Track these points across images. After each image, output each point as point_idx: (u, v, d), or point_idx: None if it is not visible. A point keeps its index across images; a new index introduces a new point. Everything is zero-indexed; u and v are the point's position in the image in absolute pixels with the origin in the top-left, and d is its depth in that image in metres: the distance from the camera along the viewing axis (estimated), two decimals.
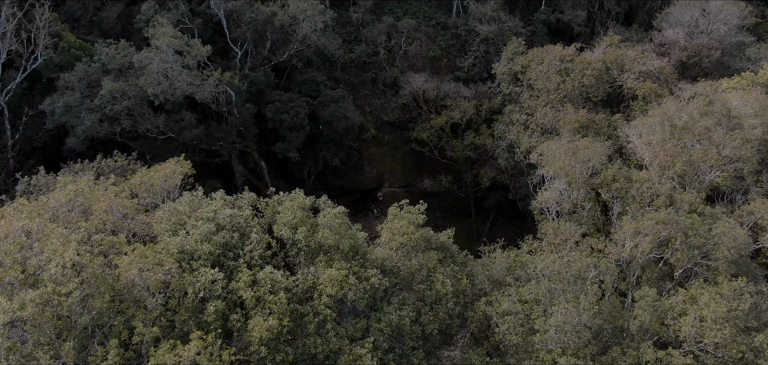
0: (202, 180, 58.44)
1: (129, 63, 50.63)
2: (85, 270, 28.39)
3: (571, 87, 48.34)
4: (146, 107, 50.71)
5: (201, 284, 28.91)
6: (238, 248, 31.24)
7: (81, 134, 49.37)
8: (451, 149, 62.78)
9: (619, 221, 35.21)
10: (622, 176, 36.34)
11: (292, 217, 31.76)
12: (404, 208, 34.87)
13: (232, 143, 56.27)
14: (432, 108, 63.83)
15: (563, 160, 37.26)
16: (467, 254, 36.40)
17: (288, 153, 57.09)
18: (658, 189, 34.34)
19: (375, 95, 66.39)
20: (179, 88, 49.16)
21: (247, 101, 55.82)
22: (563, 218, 38.02)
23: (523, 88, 54.12)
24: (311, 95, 59.44)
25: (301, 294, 30.35)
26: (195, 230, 30.92)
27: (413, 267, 32.67)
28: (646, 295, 31.12)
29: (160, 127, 51.74)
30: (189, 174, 39.50)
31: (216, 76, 51.19)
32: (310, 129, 58.04)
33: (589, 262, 31.80)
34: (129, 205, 33.96)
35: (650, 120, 38.52)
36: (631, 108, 48.54)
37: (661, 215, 32.65)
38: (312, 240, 31.26)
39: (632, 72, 48.62)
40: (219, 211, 32.08)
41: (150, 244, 30.71)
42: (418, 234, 33.12)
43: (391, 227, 33.66)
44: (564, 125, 45.35)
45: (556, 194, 37.22)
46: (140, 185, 37.62)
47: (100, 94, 48.85)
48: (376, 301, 31.46)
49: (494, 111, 62.00)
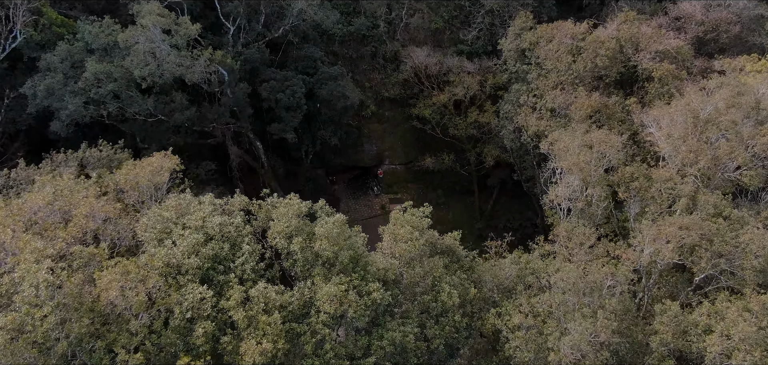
0: (195, 162, 55.74)
1: (114, 42, 47.05)
2: (62, 290, 25.75)
3: (583, 68, 44.97)
4: (134, 89, 47.32)
5: (189, 303, 26.34)
6: (229, 260, 28.56)
7: (65, 118, 46.15)
8: (454, 127, 59.62)
9: (638, 222, 32.47)
10: (641, 174, 33.42)
11: (286, 225, 28.98)
12: (408, 210, 32.00)
13: (226, 125, 53.10)
14: (434, 84, 60.42)
15: (577, 155, 34.27)
16: (474, 257, 33.71)
17: (284, 134, 53.95)
18: (681, 190, 31.48)
19: (375, 70, 62.85)
20: (168, 70, 45.72)
21: (241, 79, 52.40)
22: (575, 215, 35.25)
23: (531, 67, 50.68)
24: (308, 72, 55.97)
25: (297, 310, 27.80)
26: (182, 241, 28.19)
27: (417, 277, 30.06)
28: (667, 309, 28.61)
29: (150, 109, 48.46)
30: (177, 169, 36.53)
31: (207, 56, 47.71)
32: (307, 108, 54.78)
33: (606, 272, 29.17)
34: (111, 210, 31.10)
35: (671, 111, 35.37)
36: (645, 90, 45.27)
37: (685, 220, 29.90)
38: (308, 251, 28.55)
39: (648, 51, 45.17)
40: (208, 218, 29.31)
41: (132, 258, 28.00)
42: (423, 240, 30.38)
43: (393, 231, 30.89)
44: (575, 110, 42.19)
45: (568, 190, 34.36)
46: (125, 182, 34.70)
47: (84, 76, 45.42)
48: (378, 316, 28.94)
49: (499, 87, 58.68)
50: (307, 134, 57.83)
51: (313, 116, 56.65)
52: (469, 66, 59.76)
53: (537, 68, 49.90)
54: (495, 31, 60.88)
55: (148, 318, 26.28)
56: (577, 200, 33.84)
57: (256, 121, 56.23)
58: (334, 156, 63.12)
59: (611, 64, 44.85)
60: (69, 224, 30.11)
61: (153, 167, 35.27)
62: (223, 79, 50.46)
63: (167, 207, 30.46)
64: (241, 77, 52.49)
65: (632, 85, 47.36)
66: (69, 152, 41.68)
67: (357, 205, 65.33)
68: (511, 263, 32.22)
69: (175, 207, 30.35)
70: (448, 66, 59.72)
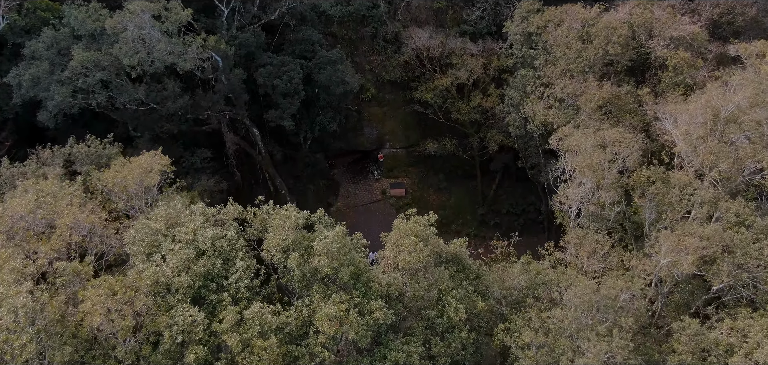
0: (191, 149, 53.42)
1: (101, 28, 44.30)
2: (43, 314, 23.80)
3: (594, 55, 42.40)
4: (124, 77, 44.77)
5: (179, 326, 24.40)
6: (222, 277, 26.54)
7: (52, 109, 43.70)
8: (457, 111, 57.12)
9: (654, 229, 30.42)
10: (658, 177, 31.20)
11: (282, 239, 26.88)
12: (412, 218, 29.83)
13: (221, 112, 50.63)
14: (436, 66, 57.75)
15: (590, 156, 32.01)
16: (481, 265, 31.65)
17: (281, 122, 51.51)
18: (702, 196, 29.34)
19: (375, 52, 60.04)
20: (158, 58, 43.04)
21: (236, 65, 49.75)
22: (586, 217, 33.15)
23: (538, 51, 48.04)
24: (306, 55, 53.27)
25: (295, 331, 25.90)
26: (172, 257, 26.13)
27: (422, 290, 28.06)
28: (686, 327, 26.74)
29: (141, 98, 45.95)
30: (168, 171, 34.31)
31: (199, 43, 45.01)
32: (305, 93, 52.24)
33: (621, 286, 27.20)
34: (97, 220, 28.96)
35: (690, 108, 32.96)
36: (658, 78, 42.80)
37: (705, 229, 27.83)
38: (306, 267, 26.52)
39: (662, 38, 42.55)
40: (199, 231, 27.18)
41: (119, 276, 25.97)
42: (427, 251, 28.29)
43: (396, 241, 28.77)
44: (585, 101, 39.77)
45: (580, 191, 32.20)
46: (113, 185, 32.50)
47: (70, 65, 42.81)
48: (381, 334, 27.04)
49: (504, 70, 56.08)
50: (306, 120, 55.39)
51: (312, 101, 54.16)
52: (472, 48, 57.00)
53: (544, 53, 47.29)
54: (499, 11, 57.99)
55: (136, 343, 24.39)
56: (588, 203, 31.71)
57: (252, 106, 53.74)
58: (334, 140, 60.77)
59: (623, 51, 42.29)
60: (52, 235, 28.03)
61: (142, 168, 33.05)
62: (217, 65, 47.83)
63: (156, 217, 28.31)
64: (236, 63, 49.87)
65: (644, 73, 44.86)
66: (56, 148, 39.40)
67: (357, 190, 63.21)
68: (519, 273, 30.22)
69: (165, 217, 28.21)
70: (451, 48, 56.95)
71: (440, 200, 62.57)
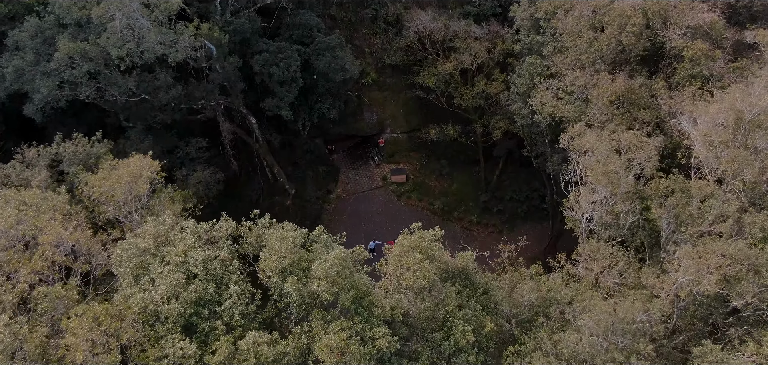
0: (185, 139, 51.08)
1: (88, 16, 41.55)
2: (22, 350, 21.89)
3: (606, 46, 39.79)
4: (113, 68, 42.16)
5: (169, 360, 22.52)
6: (215, 303, 24.55)
7: (38, 102, 41.24)
8: (460, 97, 54.59)
9: (672, 241, 28.38)
10: (677, 187, 29.02)
11: (279, 260, 24.80)
12: (417, 233, 27.71)
13: (216, 102, 48.12)
14: (439, 50, 55.00)
15: (606, 163, 29.75)
16: (488, 281, 29.64)
17: (279, 111, 49.05)
18: (725, 209, 27.21)
19: (375, 35, 57.20)
20: (148, 49, 40.39)
21: (231, 52, 47.09)
22: (599, 225, 31.07)
23: (546, 38, 45.35)
24: (303, 41, 50.53)
25: (293, 361, 24.03)
26: (161, 281, 24.11)
27: (427, 311, 26.15)
28: (707, 353, 24.91)
29: (132, 89, 43.42)
30: (158, 177, 32.08)
31: (191, 31, 42.29)
32: (303, 80, 49.70)
33: (638, 308, 25.29)
34: (82, 237, 26.84)
35: (711, 109, 30.60)
36: (674, 69, 40.28)
37: (730, 248, 25.79)
38: (305, 291, 24.52)
39: (678, 27, 39.87)
40: (190, 252, 25.09)
41: (104, 303, 23.97)
42: (434, 269, 26.27)
43: (400, 258, 26.72)
44: (598, 96, 37.35)
45: (594, 198, 30.05)
46: (100, 194, 30.31)
47: (56, 56, 40.18)
48: (384, 362, 25.20)
49: (509, 54, 53.37)
50: (304, 107, 52.90)
51: (310, 88, 51.61)
52: (476, 31, 54.20)
53: (553, 40, 44.62)
54: None
55: None
56: (604, 216, 29.59)
57: (249, 93, 51.22)
58: (333, 126, 58.35)
59: (637, 41, 39.65)
60: (34, 254, 25.94)
61: (131, 174, 30.82)
62: (210, 54, 45.20)
63: (144, 234, 26.18)
64: (231, 50, 47.21)
65: (658, 62, 42.28)
66: (41, 147, 37.05)
67: (357, 176, 60.99)
68: (530, 290, 28.22)
69: (154, 235, 26.08)
70: (454, 31, 54.11)
71: (442, 186, 60.46)
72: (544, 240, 57.50)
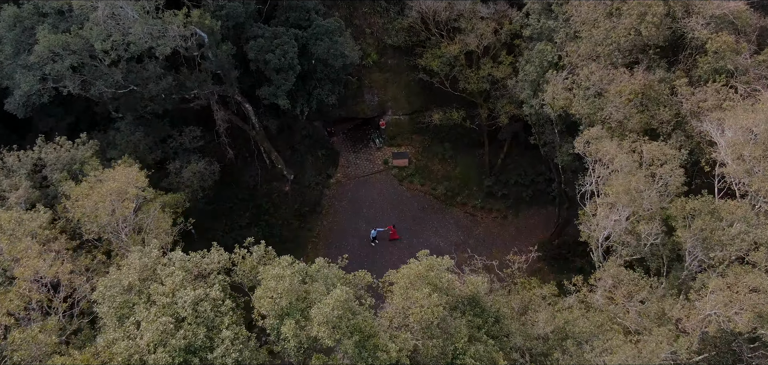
0: (179, 128, 48.06)
1: (69, 4, 38.11)
2: None
3: (624, 36, 36.52)
4: (98, 60, 38.89)
5: None
6: (206, 349, 22.18)
7: (20, 98, 38.17)
8: (465, 80, 51.40)
9: (697, 268, 25.88)
10: (705, 209, 26.31)
11: (275, 300, 22.31)
12: (425, 261, 25.11)
13: (210, 91, 44.94)
14: (443, 31, 51.48)
15: (628, 180, 26.98)
16: (500, 308, 27.21)
17: (275, 99, 45.88)
18: (758, 236, 24.63)
19: (376, 14, 53.47)
20: (135, 41, 37.11)
21: (224, 38, 43.63)
22: (618, 243, 28.52)
23: (558, 24, 41.93)
24: (300, 24, 46.97)
25: None
26: (147, 326, 21.69)
27: (436, 349, 23.83)
28: None
29: (120, 81, 40.26)
30: (145, 193, 29.35)
31: (181, 20, 38.85)
32: (301, 66, 46.41)
33: (664, 348, 22.98)
34: (64, 271, 24.28)
35: (743, 118, 27.66)
36: (695, 61, 37.13)
37: (765, 282, 23.32)
38: (303, 335, 22.13)
39: (702, 16, 36.53)
40: (178, 292, 22.58)
41: (85, 353, 21.60)
42: (443, 302, 23.84)
43: (406, 289, 24.26)
44: (615, 95, 34.34)
45: (614, 217, 27.43)
46: (81, 215, 27.61)
47: (36, 50, 36.94)
48: None
49: (516, 34, 49.94)
50: (302, 92, 49.64)
51: (308, 74, 48.31)
52: (482, 10, 50.54)
53: (566, 26, 41.24)
54: None
55: None
56: (624, 237, 27.00)
57: (244, 78, 47.96)
58: (332, 108, 55.17)
59: (657, 32, 36.38)
60: (9, 292, 23.46)
61: (116, 191, 28.06)
62: (202, 41, 41.81)
63: (129, 268, 23.61)
64: (224, 36, 43.74)
65: (677, 53, 39.07)
66: (22, 153, 34.18)
67: (357, 159, 58.13)
68: (545, 321, 25.83)
69: (139, 269, 23.53)
70: (459, 10, 50.45)
71: (445, 170, 57.69)
72: (549, 225, 55.20)
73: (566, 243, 53.33)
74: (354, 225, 54.45)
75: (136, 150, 42.62)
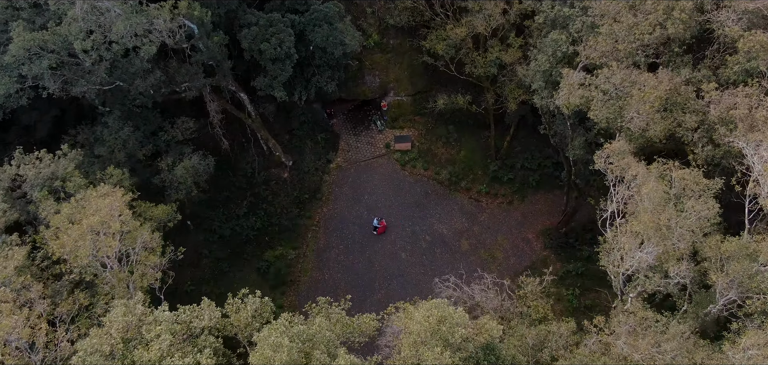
0: (170, 119, 44.66)
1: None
2: None
3: (649, 33, 32.92)
4: (79, 58, 35.23)
5: None
6: None
7: None
8: (472, 64, 47.70)
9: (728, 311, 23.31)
10: (742, 252, 23.47)
11: None
12: (435, 312, 22.40)
13: (202, 83, 41.36)
14: (448, 11, 47.41)
15: (658, 214, 24.04)
16: (514, 356, 24.71)
17: (272, 91, 42.43)
18: None
19: None
20: (117, 40, 33.43)
21: (216, 27, 39.82)
22: (642, 280, 25.81)
23: (574, 11, 38.10)
24: (297, 9, 42.98)
25: None
26: None
27: None
28: None
29: (105, 78, 36.72)
30: (130, 217, 26.39)
31: (167, 13, 35.01)
32: (298, 53, 42.71)
33: None
34: (38, 333, 21.62)
35: None
36: (723, 59, 33.69)
37: None
38: None
39: (734, 10, 32.88)
40: (165, 361, 19.99)
41: None
42: (457, 360, 21.33)
43: (416, 345, 21.70)
44: (640, 101, 31.02)
45: (640, 254, 24.64)
46: (62, 253, 24.75)
47: (11, 49, 33.31)
48: None
49: (526, 15, 45.93)
50: (300, 80, 46.04)
51: (306, 61, 44.59)
52: None
53: (582, 15, 37.48)
54: None
55: None
56: (653, 280, 24.27)
57: (238, 64, 44.34)
58: (332, 92, 51.64)
59: (685, 30, 32.79)
60: None
61: (99, 224, 25.10)
62: (192, 33, 38.05)
63: (111, 326, 20.95)
64: (216, 24, 39.92)
65: (704, 49, 35.53)
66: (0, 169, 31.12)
67: (358, 143, 54.86)
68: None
69: (122, 329, 20.88)
70: None
71: (449, 154, 54.50)
72: (555, 211, 52.51)
73: (573, 231, 50.95)
74: (355, 212, 51.78)
75: (126, 146, 39.51)
